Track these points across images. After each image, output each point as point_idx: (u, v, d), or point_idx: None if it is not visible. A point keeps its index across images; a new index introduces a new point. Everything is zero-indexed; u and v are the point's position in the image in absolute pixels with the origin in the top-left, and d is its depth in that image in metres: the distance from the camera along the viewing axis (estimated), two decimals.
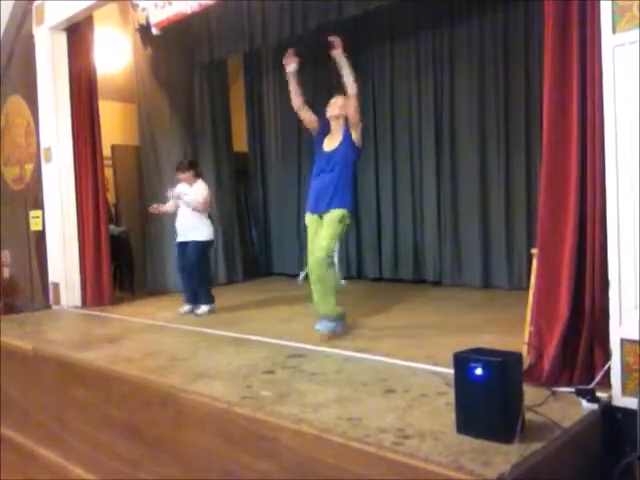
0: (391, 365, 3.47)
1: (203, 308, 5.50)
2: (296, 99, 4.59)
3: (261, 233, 8.57)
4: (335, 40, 4.26)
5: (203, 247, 5.57)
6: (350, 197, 4.44)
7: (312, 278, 4.29)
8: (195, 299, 5.57)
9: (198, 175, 5.75)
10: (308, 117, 4.61)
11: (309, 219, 4.50)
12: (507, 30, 6.09)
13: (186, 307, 5.58)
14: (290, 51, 4.58)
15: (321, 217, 4.41)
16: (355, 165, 4.59)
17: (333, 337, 4.21)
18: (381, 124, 7.16)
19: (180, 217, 5.63)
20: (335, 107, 4.45)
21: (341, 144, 4.40)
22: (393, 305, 5.52)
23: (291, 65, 4.55)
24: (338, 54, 4.29)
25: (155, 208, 5.73)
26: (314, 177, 4.51)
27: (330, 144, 4.48)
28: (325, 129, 4.55)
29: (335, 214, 4.32)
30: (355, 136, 4.37)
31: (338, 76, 4.39)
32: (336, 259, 4.29)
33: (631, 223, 2.59)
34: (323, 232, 4.32)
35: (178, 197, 5.52)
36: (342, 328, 4.36)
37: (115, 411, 3.59)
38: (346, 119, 4.43)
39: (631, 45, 2.56)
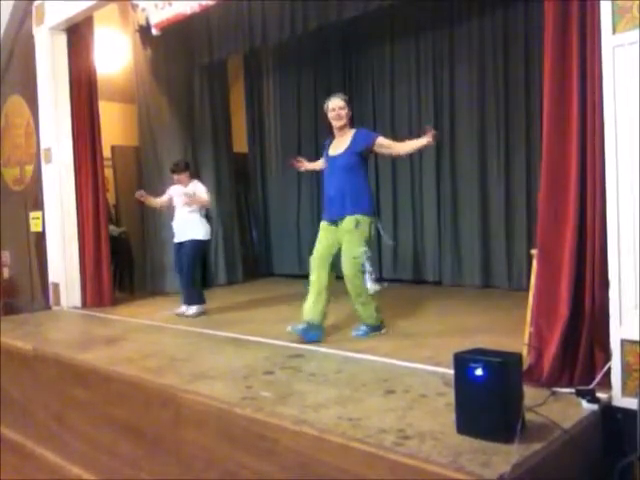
0: (391, 365, 3.47)
1: (192, 309, 5.47)
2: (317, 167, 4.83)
3: (261, 233, 8.56)
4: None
5: (199, 246, 5.57)
6: (366, 201, 4.32)
7: (351, 293, 4.27)
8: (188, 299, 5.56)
9: (192, 175, 5.77)
10: (322, 163, 4.69)
11: (322, 226, 4.46)
12: (507, 30, 6.09)
13: (183, 308, 5.57)
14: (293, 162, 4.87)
15: (336, 225, 4.35)
16: (366, 167, 4.47)
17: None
18: (381, 124, 7.15)
19: (177, 217, 5.64)
20: (339, 119, 4.36)
21: (348, 149, 4.33)
22: (393, 305, 5.51)
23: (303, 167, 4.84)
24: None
25: (140, 195, 5.68)
26: (325, 185, 4.49)
27: (336, 148, 4.43)
28: (329, 142, 4.55)
29: (349, 222, 4.25)
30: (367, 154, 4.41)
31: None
32: (368, 266, 4.22)
33: (631, 223, 2.59)
34: (343, 248, 4.26)
35: (189, 197, 5.51)
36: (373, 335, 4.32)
37: (115, 411, 3.60)
38: (352, 124, 4.43)
39: (631, 46, 2.57)
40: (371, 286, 4.21)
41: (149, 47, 7.13)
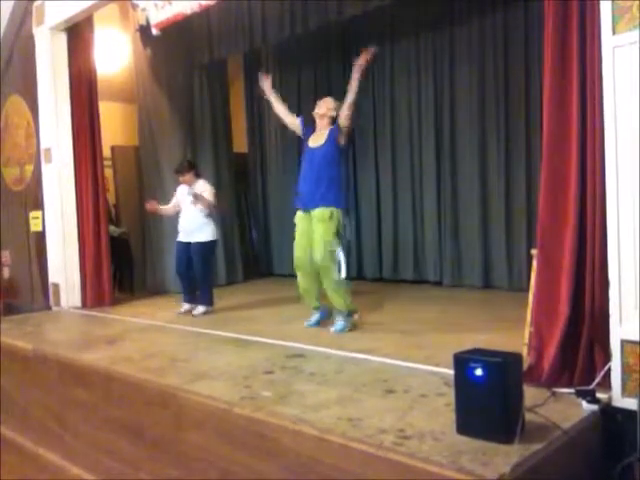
0: (391, 366, 3.47)
1: (200, 309, 5.48)
2: (280, 108, 4.93)
3: (261, 233, 8.56)
4: (370, 52, 4.50)
5: (207, 247, 5.56)
6: (340, 195, 4.55)
7: (323, 281, 4.46)
8: (193, 299, 5.57)
9: (198, 175, 5.76)
10: (291, 120, 4.91)
11: (299, 217, 4.63)
12: (507, 30, 6.08)
13: (185, 307, 5.59)
14: (260, 74, 5.06)
15: (310, 214, 4.51)
16: (343, 163, 4.78)
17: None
18: (381, 124, 7.16)
19: (184, 217, 5.61)
20: (322, 106, 4.65)
21: (326, 142, 4.55)
22: (393, 305, 5.52)
23: (265, 83, 4.94)
24: (362, 64, 4.49)
25: (152, 204, 5.72)
26: (301, 174, 4.67)
27: (315, 141, 4.63)
28: (310, 130, 4.73)
29: (323, 213, 4.43)
30: (342, 140, 4.56)
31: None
32: (341, 257, 4.40)
33: (631, 223, 2.59)
34: (316, 235, 4.42)
35: (195, 197, 5.47)
36: (350, 325, 4.48)
37: (115, 411, 3.60)
38: (332, 119, 4.59)
39: (631, 46, 2.56)
40: (341, 274, 4.41)
41: (149, 47, 7.12)
